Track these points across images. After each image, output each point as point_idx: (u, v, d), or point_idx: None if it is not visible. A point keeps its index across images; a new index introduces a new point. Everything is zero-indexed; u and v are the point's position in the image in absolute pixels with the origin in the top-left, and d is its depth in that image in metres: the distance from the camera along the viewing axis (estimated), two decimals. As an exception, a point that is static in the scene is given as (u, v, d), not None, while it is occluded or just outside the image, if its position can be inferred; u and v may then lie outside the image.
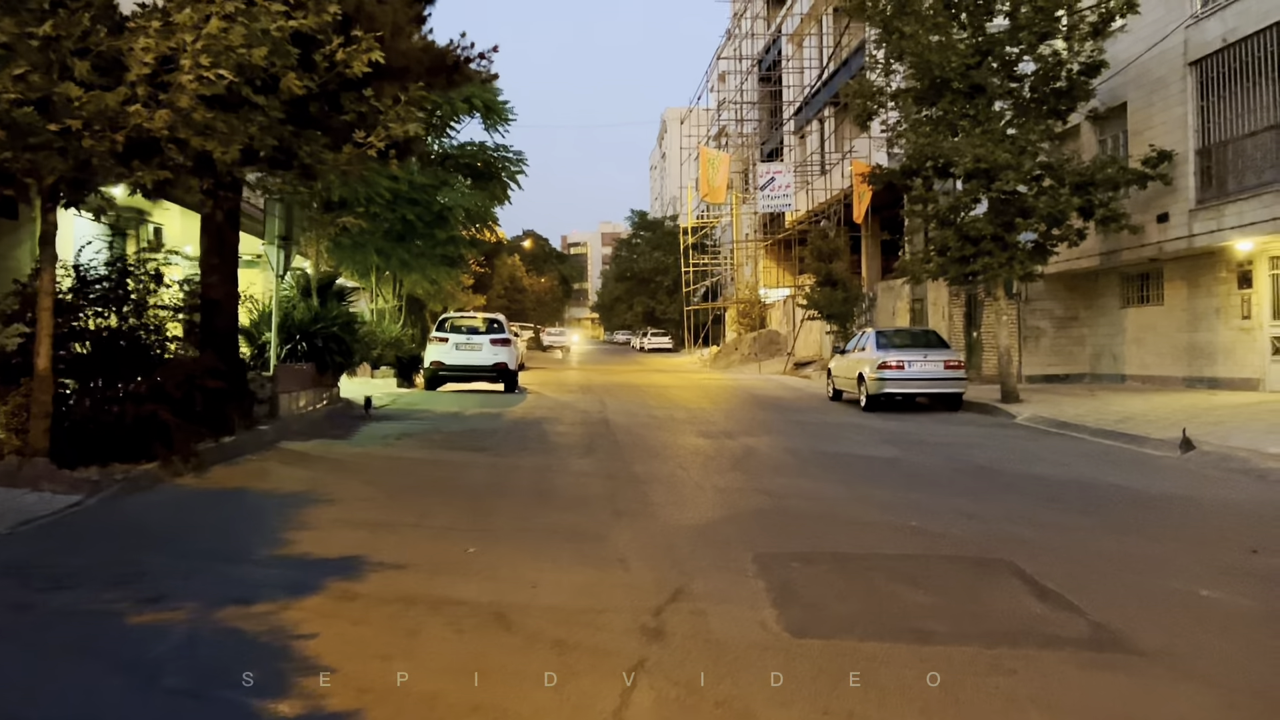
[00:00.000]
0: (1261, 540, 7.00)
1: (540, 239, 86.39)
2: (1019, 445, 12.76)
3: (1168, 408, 15.25)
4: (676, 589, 5.36)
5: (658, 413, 17.12)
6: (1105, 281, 21.26)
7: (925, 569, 6.08)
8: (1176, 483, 9.70)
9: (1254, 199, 15.14)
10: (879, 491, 9.15)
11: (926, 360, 17.19)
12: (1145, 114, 18.02)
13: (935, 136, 17.17)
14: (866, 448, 12.46)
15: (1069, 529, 7.40)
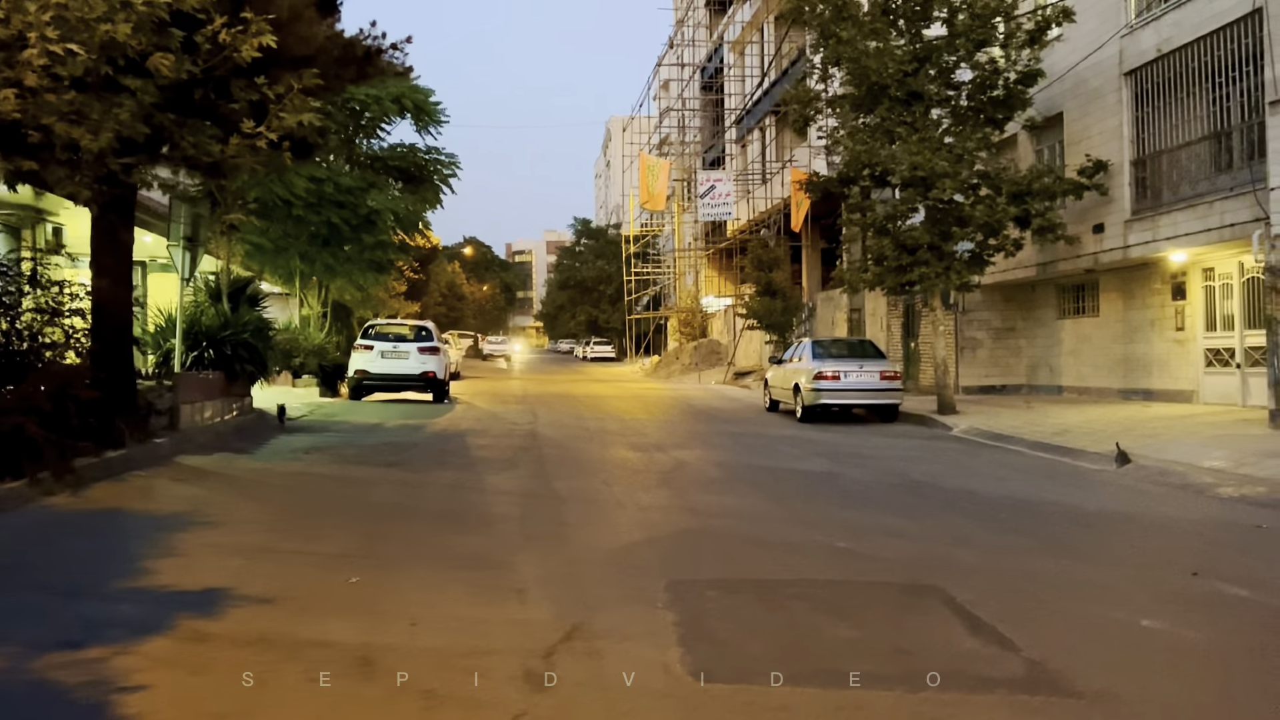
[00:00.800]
0: (1202, 561, 6.67)
1: (483, 246, 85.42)
2: (955, 459, 12.45)
3: (1104, 420, 15.10)
4: (574, 625, 4.81)
5: (590, 424, 16.57)
6: (1042, 292, 21.22)
7: (851, 597, 5.62)
8: (1114, 499, 9.41)
9: (1188, 210, 15.08)
10: (810, 509, 8.71)
11: (862, 371, 16.89)
12: (1082, 124, 17.96)
13: (872, 144, 16.91)
14: (800, 461, 12.04)
15: (1004, 550, 7.01)
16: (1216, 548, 7.25)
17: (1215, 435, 12.64)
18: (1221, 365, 15.97)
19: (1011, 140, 20.22)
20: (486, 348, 58.18)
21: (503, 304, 79.37)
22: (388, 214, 21.85)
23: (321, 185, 20.86)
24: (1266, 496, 9.05)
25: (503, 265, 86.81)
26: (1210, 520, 8.30)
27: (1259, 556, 6.92)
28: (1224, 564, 6.68)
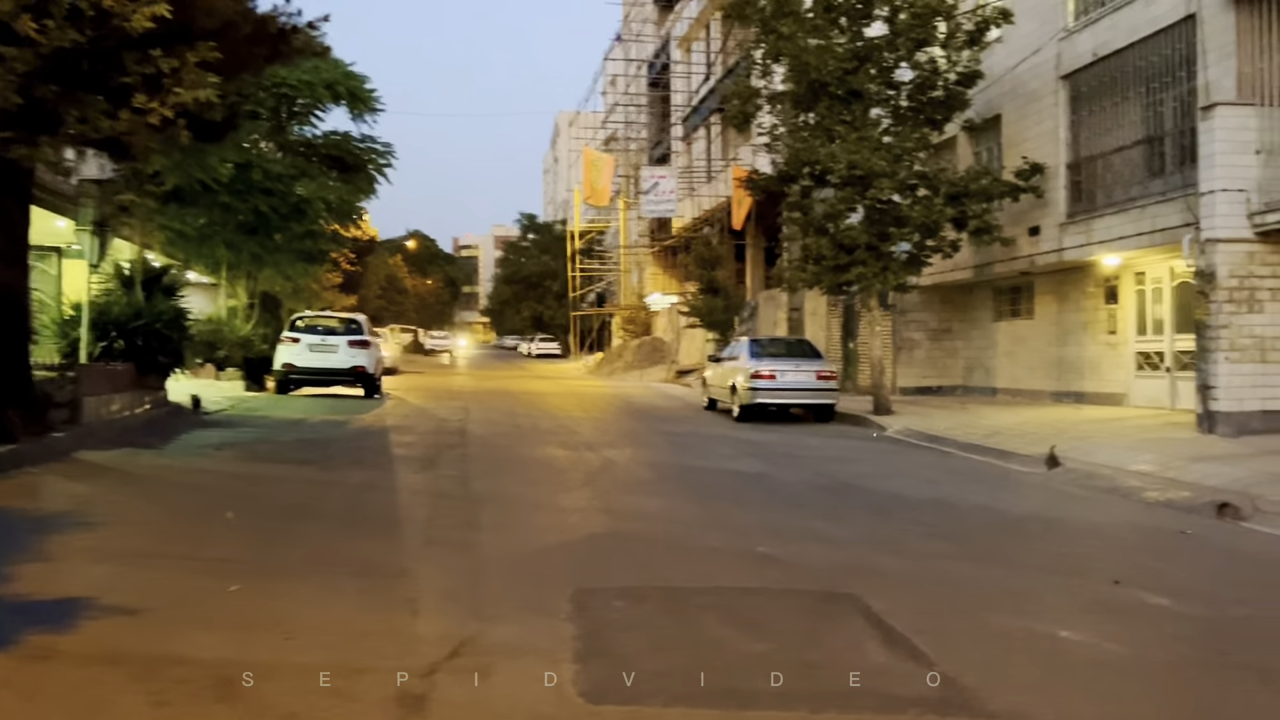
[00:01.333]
0: (1125, 568, 6.54)
1: (427, 239, 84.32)
2: (887, 460, 12.32)
3: (1036, 422, 15.12)
4: (465, 639, 4.48)
5: (522, 421, 16.21)
6: (979, 294, 21.29)
7: (765, 607, 5.36)
8: (1041, 502, 9.32)
9: (1121, 214, 15.15)
10: (735, 511, 8.46)
11: (799, 370, 16.75)
12: (1019, 126, 18.01)
13: (812, 142, 16.77)
14: (732, 461, 11.82)
15: (928, 556, 6.81)
16: (1140, 554, 7.15)
17: (1144, 439, 12.67)
18: (1152, 369, 16.10)
19: (951, 142, 20.23)
20: (428, 343, 57.31)
21: (446, 299, 78.37)
22: (318, 202, 21.20)
23: (248, 171, 20.18)
24: (1191, 501, 9.01)
25: (447, 259, 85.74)
26: (1135, 525, 8.22)
27: (1181, 564, 6.82)
28: (1147, 571, 6.56)
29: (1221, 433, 12.42)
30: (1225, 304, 12.51)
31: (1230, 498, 9.02)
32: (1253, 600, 5.81)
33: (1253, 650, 4.83)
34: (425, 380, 28.80)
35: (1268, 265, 12.63)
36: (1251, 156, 12.52)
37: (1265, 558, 7.07)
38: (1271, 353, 12.63)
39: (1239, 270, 12.56)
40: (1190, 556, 7.06)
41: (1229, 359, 12.49)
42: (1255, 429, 12.50)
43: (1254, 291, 12.60)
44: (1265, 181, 12.40)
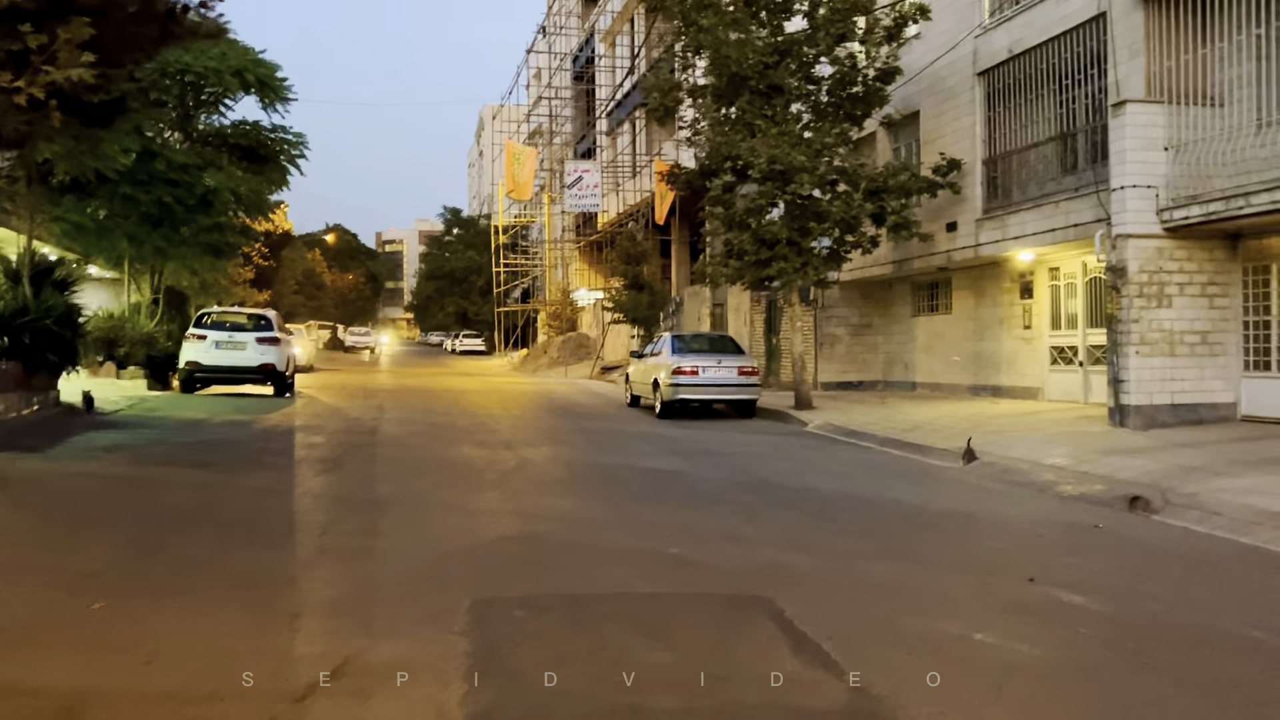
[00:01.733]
0: (1039, 566, 6.47)
1: (348, 234, 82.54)
2: (806, 456, 12.23)
3: (953, 416, 15.23)
4: (347, 658, 4.16)
5: (439, 420, 15.77)
6: (899, 290, 21.46)
7: (673, 613, 5.13)
8: (957, 498, 9.28)
9: (1034, 210, 15.33)
10: (650, 511, 8.22)
11: (721, 366, 16.62)
12: (937, 122, 18.14)
13: (733, 136, 16.64)
14: (651, 459, 11.60)
15: (842, 555, 6.67)
16: (1055, 550, 7.10)
17: (1058, 432, 12.81)
18: (1065, 363, 16.35)
19: (870, 138, 20.33)
20: (349, 339, 55.99)
21: (368, 294, 76.80)
22: (227, 194, 20.34)
23: (151, 161, 19.30)
24: (1104, 495, 9.06)
25: (369, 254, 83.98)
26: (1050, 520, 8.21)
27: (1095, 559, 6.78)
28: (1061, 568, 6.50)
29: (1132, 426, 12.62)
30: (1136, 299, 12.70)
31: (1142, 491, 9.10)
32: (1164, 596, 5.77)
33: (1165, 649, 4.75)
34: (342, 378, 28.05)
35: (1176, 260, 12.86)
36: (1160, 153, 12.74)
37: (1175, 551, 7.08)
38: (1180, 346, 12.87)
39: (1149, 265, 12.76)
40: (1103, 552, 7.04)
41: (1139, 353, 12.69)
42: (1164, 422, 12.73)
43: (1163, 286, 12.82)
44: (1174, 178, 12.61)
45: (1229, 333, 13.05)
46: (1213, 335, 12.98)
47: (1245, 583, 6.19)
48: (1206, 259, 12.97)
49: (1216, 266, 13.00)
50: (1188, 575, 6.36)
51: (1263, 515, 7.95)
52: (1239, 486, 8.83)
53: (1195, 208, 12.18)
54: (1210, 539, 7.51)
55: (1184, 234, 12.72)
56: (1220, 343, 13.02)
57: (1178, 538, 7.57)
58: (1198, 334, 12.93)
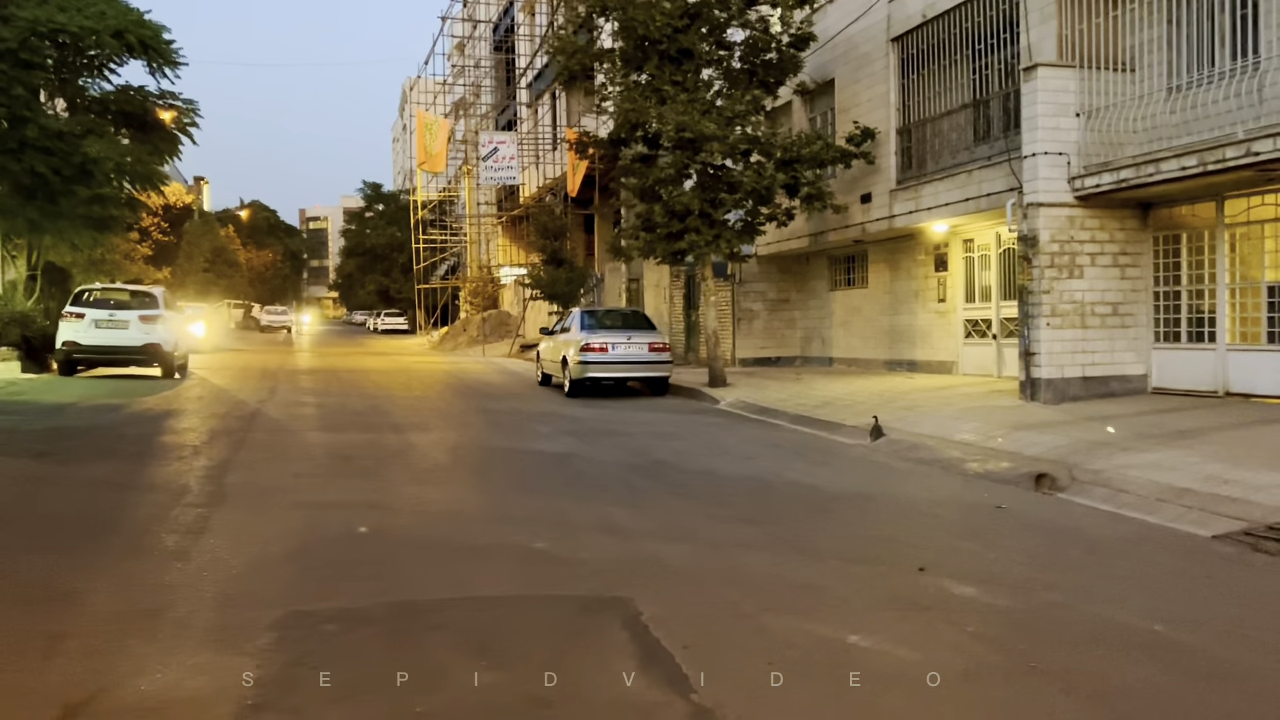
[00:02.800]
0: (934, 552, 5.99)
1: (266, 210, 79.92)
2: (712, 435, 11.70)
3: (867, 392, 14.86)
4: (94, 693, 3.45)
5: (331, 402, 14.91)
6: (816, 264, 21.07)
7: (514, 621, 4.51)
8: (859, 477, 8.81)
9: (948, 179, 14.96)
10: (527, 499, 7.59)
11: (631, 343, 16.01)
12: (852, 91, 17.68)
13: (643, 103, 15.95)
14: (545, 441, 10.94)
15: (724, 545, 6.10)
16: (952, 535, 6.64)
17: (969, 407, 12.48)
18: (980, 336, 16.09)
19: (787, 107, 19.83)
20: (265, 318, 54.13)
21: (288, 272, 74.42)
22: (109, 164, 19.14)
23: (21, 127, 17.98)
24: (1010, 472, 8.67)
25: (289, 231, 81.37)
26: (952, 501, 7.77)
27: (993, 544, 6.33)
28: (956, 555, 6.03)
29: (1043, 400, 12.33)
30: (1047, 269, 12.39)
31: (1048, 468, 8.73)
32: (1063, 585, 5.32)
33: (1058, 649, 4.27)
34: (247, 358, 26.81)
35: (1088, 230, 12.58)
36: (1073, 119, 12.40)
37: (1079, 534, 6.67)
38: (1091, 318, 12.61)
39: (1060, 235, 12.45)
40: (1003, 536, 6.60)
41: (1050, 325, 12.40)
42: (1076, 395, 12.47)
43: (1075, 256, 12.53)
44: (1086, 145, 12.29)
45: (1140, 304, 12.83)
46: (1124, 306, 12.75)
47: (1149, 568, 5.79)
48: (1118, 228, 12.71)
49: (1128, 236, 12.75)
50: (1089, 561, 5.94)
51: (1169, 492, 7.62)
52: (1146, 462, 8.52)
53: (1106, 175, 11.88)
54: (1116, 519, 7.14)
55: (1096, 203, 12.43)
56: (1131, 314, 12.80)
57: (1082, 518, 7.18)
58: (1109, 305, 12.68)
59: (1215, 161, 10.41)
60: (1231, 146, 10.23)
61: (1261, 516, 6.85)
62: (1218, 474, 7.86)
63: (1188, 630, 4.57)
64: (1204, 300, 12.19)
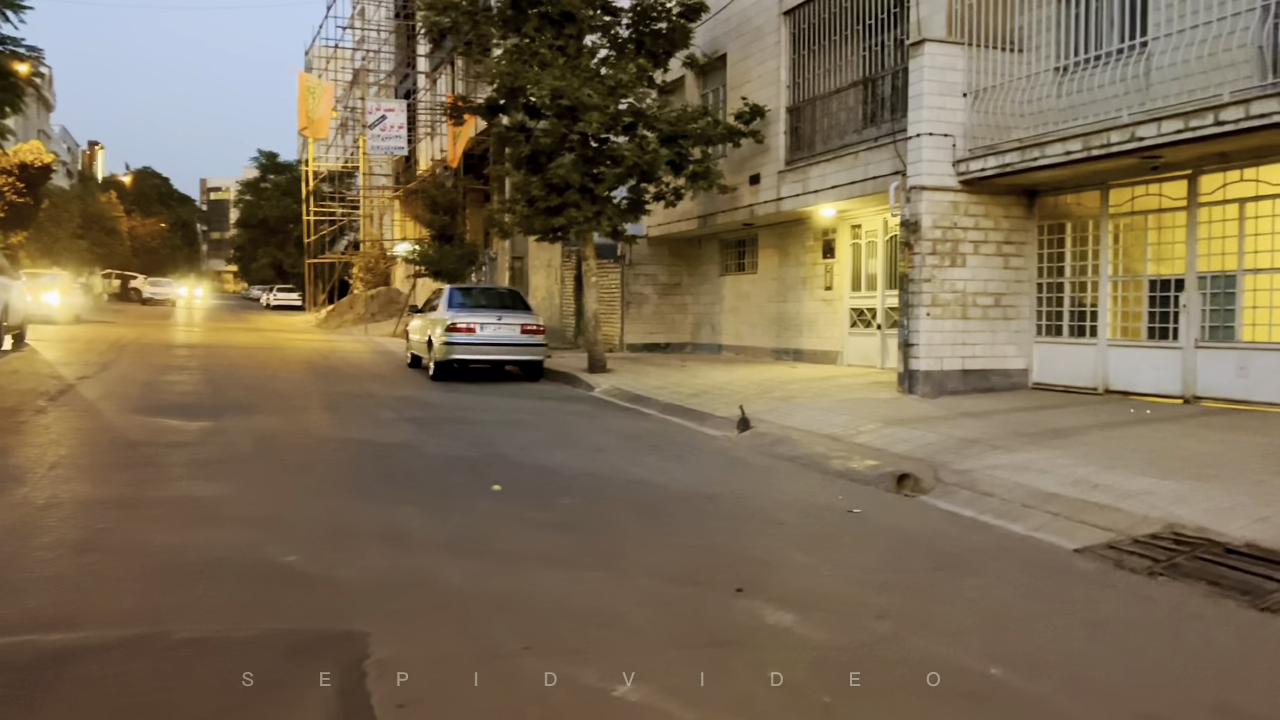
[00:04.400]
0: (762, 567, 5.20)
1: (157, 177, 76.14)
2: (570, 424, 10.81)
3: (747, 380, 14.15)
4: None
5: (163, 379, 13.57)
6: (708, 247, 20.33)
7: (187, 675, 3.52)
8: (711, 474, 8.01)
9: (835, 161, 14.31)
10: (314, 500, 6.56)
11: (501, 323, 14.99)
12: (743, 66, 16.92)
13: (520, 67, 14.89)
14: (380, 430, 9.89)
15: (520, 560, 5.20)
16: (791, 544, 5.85)
17: (845, 399, 11.84)
18: (865, 326, 15.53)
19: (680, 83, 19.01)
20: (147, 291, 51.24)
21: (178, 243, 70.85)
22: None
23: None
24: (873, 470, 7.98)
25: (182, 200, 77.54)
26: (802, 503, 7.01)
27: (832, 557, 5.56)
28: (787, 571, 5.24)
29: (921, 393, 11.76)
30: (929, 256, 11.80)
31: (913, 467, 8.07)
32: (897, 611, 4.56)
33: (867, 702, 3.49)
34: (105, 331, 24.91)
35: (972, 216, 12.02)
36: (959, 99, 11.81)
37: (931, 544, 5.95)
38: (973, 309, 12.07)
39: (944, 220, 11.87)
40: (847, 545, 5.85)
41: (931, 315, 11.81)
42: (955, 389, 11.93)
43: (958, 244, 11.96)
44: (972, 127, 11.72)
45: (1023, 295, 12.35)
46: (1007, 298, 12.25)
47: (999, 589, 5.08)
48: (1003, 216, 12.19)
49: (1013, 224, 12.25)
50: (934, 580, 5.20)
51: (1035, 497, 6.99)
52: (1016, 462, 7.91)
53: (991, 159, 11.31)
54: (974, 527, 6.47)
55: (980, 188, 11.87)
56: (1014, 306, 12.31)
57: (939, 525, 6.49)
58: (992, 296, 12.16)
59: (1100, 146, 9.89)
60: (1116, 131, 9.71)
61: (1128, 527, 6.25)
62: (1088, 478, 7.28)
63: (1028, 674, 3.84)
64: (1087, 293, 11.75)
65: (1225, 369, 10.12)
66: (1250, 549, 5.64)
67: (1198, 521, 6.11)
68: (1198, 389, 10.36)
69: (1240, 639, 4.40)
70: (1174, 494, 6.69)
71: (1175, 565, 5.60)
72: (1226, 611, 4.74)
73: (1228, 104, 8.65)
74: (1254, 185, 9.86)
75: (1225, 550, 5.68)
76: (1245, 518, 6.10)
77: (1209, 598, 4.96)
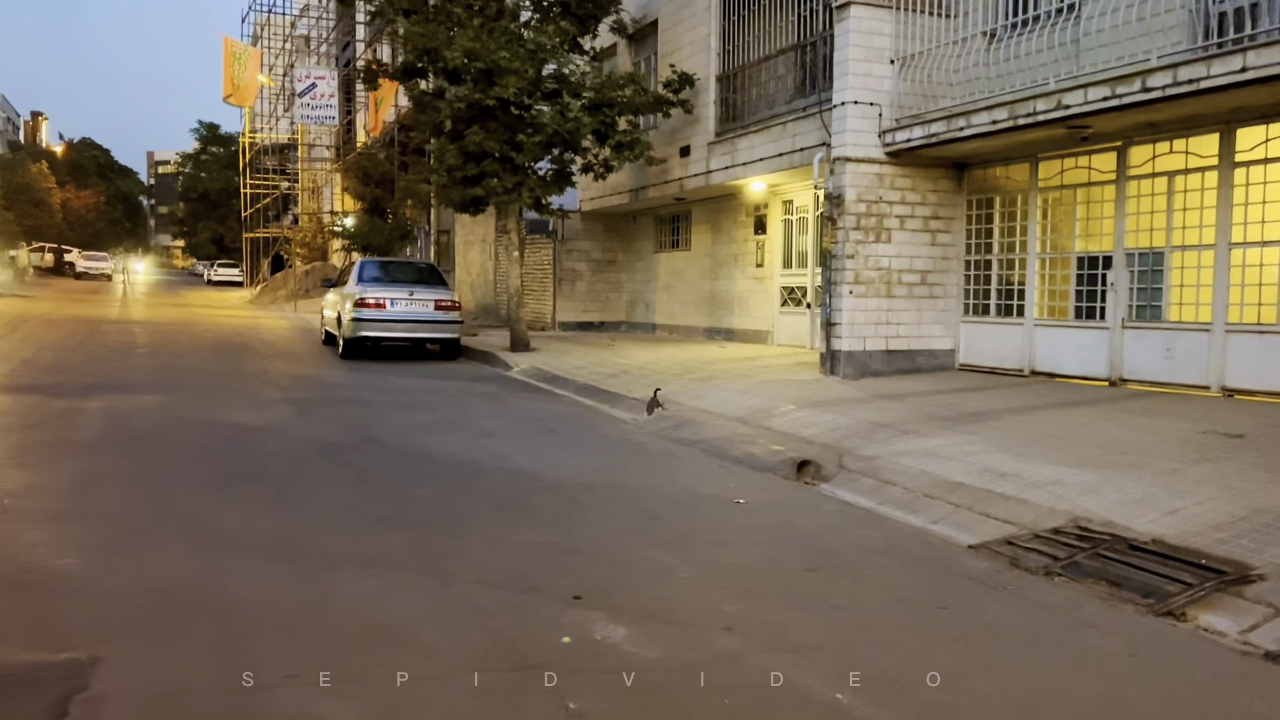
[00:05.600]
0: (612, 571, 4.62)
1: (97, 148, 73.75)
2: (470, 406, 10.16)
3: (671, 360, 13.57)
4: None
5: (53, 357, 12.72)
6: (643, 223, 19.67)
7: None
8: (599, 462, 7.42)
9: (763, 132, 13.70)
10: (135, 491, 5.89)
11: (414, 299, 14.24)
12: (674, 33, 16.23)
13: (434, 28, 14.09)
14: (253, 412, 9.13)
15: (335, 564, 4.56)
16: (657, 542, 5.26)
17: (765, 380, 11.29)
18: (795, 305, 14.99)
19: (612, 50, 18.28)
20: (81, 264, 49.56)
21: (117, 215, 68.68)
22: None
23: None
24: (773, 457, 7.43)
25: (121, 171, 75.21)
26: (687, 493, 6.44)
27: (700, 556, 4.99)
28: (640, 574, 4.66)
29: (843, 374, 11.24)
30: (852, 231, 11.25)
31: (817, 453, 7.53)
32: (750, 621, 3.99)
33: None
34: (15, 306, 23.76)
35: (898, 190, 11.49)
36: (887, 66, 11.24)
37: (814, 540, 5.41)
38: (898, 287, 11.56)
39: (869, 194, 11.32)
40: (720, 542, 5.28)
41: (854, 293, 11.28)
42: (878, 370, 11.43)
43: (883, 218, 11.43)
44: (900, 95, 11.16)
45: (950, 273, 11.86)
46: (933, 275, 11.75)
47: (875, 594, 4.53)
48: (930, 189, 11.67)
49: (941, 199, 11.73)
50: (806, 583, 4.65)
51: (939, 486, 6.48)
52: (924, 448, 7.40)
53: (917, 129, 10.77)
54: (868, 519, 5.95)
55: (907, 159, 11.33)
56: (941, 284, 11.82)
57: (829, 519, 5.95)
58: (917, 273, 11.66)
59: (1026, 115, 9.38)
60: (1042, 99, 9.19)
61: (1031, 521, 5.76)
62: (996, 466, 6.78)
63: (879, 700, 3.29)
64: (1015, 271, 11.28)
65: (1152, 350, 9.70)
66: (1156, 545, 5.16)
67: (1105, 515, 5.62)
68: (1124, 371, 9.93)
69: (1133, 650, 3.89)
70: (1084, 484, 6.21)
71: (1075, 564, 5.11)
72: (1123, 618, 4.25)
73: (1155, 69, 8.16)
74: (1183, 158, 9.41)
75: (1130, 547, 5.20)
76: (1155, 510, 5.63)
77: (1106, 601, 4.47)
